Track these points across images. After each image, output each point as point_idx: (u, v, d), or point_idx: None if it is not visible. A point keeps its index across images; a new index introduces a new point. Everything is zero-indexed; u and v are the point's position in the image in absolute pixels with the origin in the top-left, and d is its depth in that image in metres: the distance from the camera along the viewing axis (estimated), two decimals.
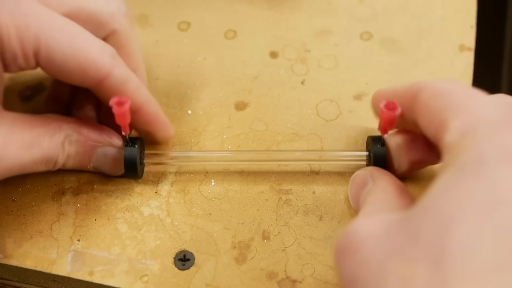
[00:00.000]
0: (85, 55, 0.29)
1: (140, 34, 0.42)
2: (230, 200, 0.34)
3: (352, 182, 0.32)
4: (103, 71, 0.29)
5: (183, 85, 0.39)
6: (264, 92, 0.39)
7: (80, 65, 0.29)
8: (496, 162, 0.22)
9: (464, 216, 0.21)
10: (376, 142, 0.33)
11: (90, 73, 0.29)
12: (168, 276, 0.31)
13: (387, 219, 0.24)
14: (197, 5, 0.43)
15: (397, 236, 0.23)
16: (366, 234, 0.24)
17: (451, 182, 0.23)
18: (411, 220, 0.23)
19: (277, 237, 0.33)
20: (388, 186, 0.29)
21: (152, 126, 0.34)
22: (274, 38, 0.41)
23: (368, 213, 0.27)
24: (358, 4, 0.43)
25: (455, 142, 0.24)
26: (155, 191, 0.34)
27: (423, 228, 0.22)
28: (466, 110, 0.25)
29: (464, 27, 0.41)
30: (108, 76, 0.30)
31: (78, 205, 0.34)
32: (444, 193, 0.22)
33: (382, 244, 0.23)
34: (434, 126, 0.26)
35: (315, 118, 0.37)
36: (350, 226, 0.25)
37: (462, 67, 0.39)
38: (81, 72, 0.29)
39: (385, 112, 0.30)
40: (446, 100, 0.26)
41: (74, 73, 0.29)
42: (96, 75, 0.29)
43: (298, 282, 0.31)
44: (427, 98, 0.27)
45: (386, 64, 0.40)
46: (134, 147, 0.33)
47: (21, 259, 0.32)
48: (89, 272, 0.31)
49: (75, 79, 0.30)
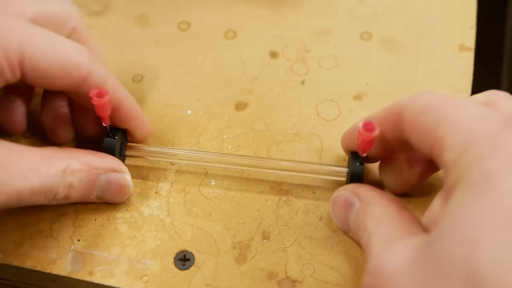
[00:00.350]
0: (66, 57, 0.29)
1: (140, 34, 0.42)
2: (230, 200, 0.34)
3: (334, 204, 0.31)
4: (84, 71, 0.30)
5: (183, 85, 0.39)
6: (264, 92, 0.39)
7: (64, 68, 0.29)
8: (505, 174, 0.22)
9: (488, 233, 0.21)
10: (356, 159, 0.32)
11: (73, 74, 0.30)
12: (168, 276, 0.31)
13: (409, 247, 0.24)
14: (197, 5, 0.43)
15: (425, 264, 0.23)
16: (393, 267, 0.24)
17: (466, 203, 0.22)
18: (434, 245, 0.23)
19: (277, 237, 0.33)
20: (384, 202, 0.29)
21: (132, 122, 0.34)
22: (274, 38, 0.41)
23: (384, 243, 0.26)
24: (358, 4, 0.43)
25: (456, 159, 0.24)
26: (155, 191, 0.34)
27: (449, 252, 0.22)
28: (460, 125, 0.25)
29: (464, 27, 0.41)
30: (89, 75, 0.30)
31: (78, 205, 0.34)
32: (462, 214, 0.22)
33: (412, 275, 0.23)
34: (428, 143, 0.26)
35: (315, 118, 0.37)
36: (373, 262, 0.25)
37: (462, 67, 0.39)
38: (65, 75, 0.30)
39: (363, 133, 0.29)
40: (435, 116, 0.26)
41: (58, 77, 0.30)
42: (79, 75, 0.30)
43: (298, 282, 0.31)
44: (414, 117, 0.27)
45: (386, 64, 0.40)
46: (114, 137, 0.33)
47: (21, 259, 0.32)
48: (89, 272, 0.31)
49: (58, 83, 0.30)
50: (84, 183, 0.31)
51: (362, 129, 0.29)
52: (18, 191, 0.27)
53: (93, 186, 0.31)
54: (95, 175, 0.31)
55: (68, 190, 0.30)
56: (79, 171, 0.30)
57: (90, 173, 0.31)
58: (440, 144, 0.25)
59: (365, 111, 0.37)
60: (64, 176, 0.29)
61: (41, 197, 0.28)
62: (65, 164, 0.29)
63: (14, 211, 0.33)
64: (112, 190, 0.32)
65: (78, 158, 0.30)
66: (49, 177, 0.28)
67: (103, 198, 0.32)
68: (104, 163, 0.32)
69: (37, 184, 0.28)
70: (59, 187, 0.29)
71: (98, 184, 0.31)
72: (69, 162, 0.30)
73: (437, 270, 0.22)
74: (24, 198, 0.28)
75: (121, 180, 0.32)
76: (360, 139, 0.30)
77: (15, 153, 0.28)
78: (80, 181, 0.30)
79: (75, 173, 0.30)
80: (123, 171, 0.32)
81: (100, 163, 0.31)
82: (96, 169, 0.31)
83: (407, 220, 0.27)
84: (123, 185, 0.32)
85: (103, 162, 0.31)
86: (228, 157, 0.34)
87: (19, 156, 0.28)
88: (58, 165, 0.29)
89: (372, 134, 0.29)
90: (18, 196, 0.27)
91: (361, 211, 0.29)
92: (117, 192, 0.32)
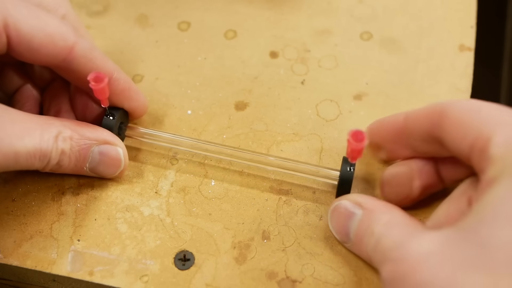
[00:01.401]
0: (50, 26, 0.30)
1: (140, 34, 0.42)
2: (230, 200, 0.34)
3: (334, 213, 0.31)
4: (70, 40, 0.31)
5: (183, 85, 0.39)
6: (264, 92, 0.39)
7: (48, 36, 0.30)
8: None
9: None
10: (346, 164, 0.32)
11: (58, 43, 0.30)
12: (168, 276, 0.31)
13: (440, 235, 0.24)
14: (197, 5, 0.43)
15: (464, 248, 0.23)
16: (425, 251, 0.24)
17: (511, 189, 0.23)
18: (475, 230, 0.23)
19: (277, 237, 0.33)
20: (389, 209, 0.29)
21: (126, 92, 0.34)
22: (274, 38, 0.41)
23: (403, 237, 0.26)
24: (358, 4, 0.43)
25: (502, 153, 0.25)
26: (155, 191, 0.34)
27: (496, 237, 0.22)
28: (508, 125, 0.26)
29: (464, 27, 0.41)
30: (75, 45, 0.31)
31: (78, 205, 0.34)
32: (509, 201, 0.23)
33: (448, 258, 0.23)
34: (470, 139, 0.27)
35: (315, 118, 0.37)
36: (398, 250, 0.25)
37: (462, 67, 0.39)
38: (50, 43, 0.30)
39: (352, 143, 0.29)
40: (481, 115, 0.27)
41: (43, 46, 0.30)
42: (65, 45, 0.30)
43: (298, 282, 0.31)
44: (460, 114, 0.28)
45: (386, 64, 0.40)
46: (113, 117, 0.33)
47: (21, 259, 0.32)
48: (89, 272, 0.31)
49: (45, 52, 0.30)
50: (75, 151, 0.31)
51: (351, 138, 0.29)
52: (15, 151, 0.28)
53: (85, 157, 0.32)
54: (87, 145, 0.32)
55: (60, 156, 0.30)
56: (70, 138, 0.31)
57: (82, 142, 0.31)
58: (485, 139, 0.26)
59: (365, 111, 0.37)
60: (56, 142, 0.30)
61: (36, 160, 0.29)
62: (57, 130, 0.30)
63: (14, 211, 0.33)
64: (104, 162, 0.33)
65: (70, 127, 0.31)
66: (43, 142, 0.29)
67: (96, 170, 0.33)
68: (97, 134, 0.32)
69: (32, 147, 0.29)
70: (52, 153, 0.30)
71: (90, 155, 0.32)
72: (60, 129, 0.30)
73: (480, 253, 0.22)
74: (20, 160, 0.28)
75: (113, 152, 0.33)
76: (350, 148, 0.30)
77: (11, 116, 0.29)
78: (72, 149, 0.31)
79: (66, 140, 0.31)
80: (116, 144, 0.33)
81: (93, 134, 0.32)
82: (88, 139, 0.32)
83: (415, 223, 0.28)
84: (115, 158, 0.33)
85: (95, 134, 0.32)
86: (228, 148, 0.34)
87: (15, 120, 0.29)
88: (50, 131, 0.30)
89: (362, 144, 0.29)
90: (15, 156, 0.28)
91: (365, 218, 0.29)
92: (110, 164, 0.33)
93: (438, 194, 0.32)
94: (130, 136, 0.35)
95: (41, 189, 0.34)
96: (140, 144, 0.36)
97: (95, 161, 0.32)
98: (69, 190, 0.34)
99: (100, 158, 0.32)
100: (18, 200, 0.34)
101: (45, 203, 0.34)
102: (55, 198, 0.34)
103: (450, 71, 0.39)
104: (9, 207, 0.34)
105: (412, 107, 0.37)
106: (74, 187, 0.34)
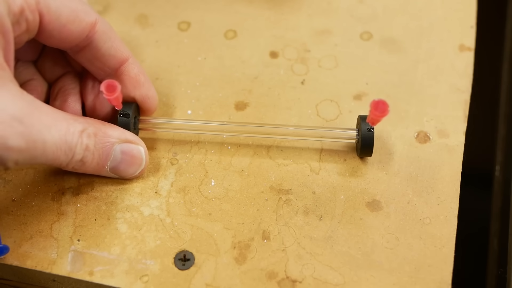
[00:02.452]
0: (74, 2, 0.31)
1: (140, 34, 0.42)
2: (230, 200, 0.34)
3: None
4: (92, 16, 0.32)
5: (183, 85, 0.39)
6: (264, 92, 0.39)
7: (73, 11, 0.31)
8: None
9: None
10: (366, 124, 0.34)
11: (83, 18, 0.31)
12: (168, 276, 0.31)
13: None
14: (197, 5, 0.43)
15: None
16: None
17: None
18: None
19: (277, 237, 0.33)
20: None
21: (140, 79, 0.34)
22: (274, 38, 0.41)
23: None
24: (358, 4, 0.43)
25: None
26: (155, 191, 0.34)
27: None
28: None
29: (464, 27, 0.41)
30: (97, 21, 0.32)
31: (78, 205, 0.34)
32: None
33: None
34: None
35: (315, 118, 0.37)
36: None
37: (462, 67, 0.39)
38: (76, 18, 0.31)
39: (374, 113, 0.31)
40: None
41: (70, 22, 0.31)
42: (89, 20, 0.31)
43: (298, 282, 0.31)
44: None
45: (386, 64, 0.40)
46: (127, 115, 0.34)
47: (21, 259, 0.32)
48: (89, 272, 0.31)
49: (71, 29, 0.31)
50: (99, 148, 0.32)
51: (373, 108, 0.31)
52: (43, 140, 0.28)
53: (108, 155, 0.32)
54: (110, 143, 0.32)
55: (85, 152, 0.31)
56: (94, 135, 0.31)
57: (105, 140, 0.32)
58: None
59: (365, 111, 0.37)
60: (81, 137, 0.30)
61: (62, 153, 0.29)
62: (82, 126, 0.30)
63: (14, 211, 0.33)
64: (125, 160, 0.33)
65: (94, 125, 0.31)
66: (69, 134, 0.30)
67: (117, 170, 0.33)
68: (119, 133, 0.33)
69: (58, 138, 0.29)
70: (77, 147, 0.30)
71: (112, 153, 0.32)
72: (85, 126, 0.31)
73: None
74: (47, 150, 0.28)
75: (135, 151, 0.33)
76: (371, 116, 0.32)
77: (40, 107, 0.29)
78: (96, 145, 0.31)
79: (91, 136, 0.31)
80: (138, 143, 0.33)
81: (115, 132, 0.32)
82: (110, 137, 0.32)
83: None
84: (137, 157, 0.33)
85: (117, 132, 0.33)
86: (241, 125, 0.35)
87: (43, 110, 0.29)
88: (76, 126, 0.30)
89: (383, 114, 0.31)
90: (43, 146, 0.28)
91: None
92: (131, 163, 0.33)
93: None
94: (143, 129, 0.36)
95: (41, 189, 0.34)
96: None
97: (117, 160, 0.33)
98: (69, 190, 0.34)
99: (122, 157, 0.33)
100: (18, 200, 0.34)
101: (45, 203, 0.34)
102: (55, 198, 0.34)
103: (450, 71, 0.39)
104: (9, 207, 0.34)
105: (412, 107, 0.37)
106: (74, 187, 0.34)
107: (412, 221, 0.33)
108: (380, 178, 0.35)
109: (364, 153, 0.34)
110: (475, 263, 0.47)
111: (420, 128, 0.37)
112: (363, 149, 0.34)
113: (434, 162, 0.35)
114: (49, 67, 0.35)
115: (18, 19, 0.29)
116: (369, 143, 0.34)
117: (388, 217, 0.33)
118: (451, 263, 0.32)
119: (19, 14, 0.28)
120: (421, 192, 0.34)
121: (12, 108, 0.27)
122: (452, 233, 0.33)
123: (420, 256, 0.32)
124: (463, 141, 0.36)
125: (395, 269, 0.32)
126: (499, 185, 0.45)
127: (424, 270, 0.31)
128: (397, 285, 0.31)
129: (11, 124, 0.27)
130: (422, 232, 0.33)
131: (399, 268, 0.32)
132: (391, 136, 0.36)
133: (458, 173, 0.35)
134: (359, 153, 0.35)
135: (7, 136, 0.26)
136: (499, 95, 0.50)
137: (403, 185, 0.34)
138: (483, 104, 0.45)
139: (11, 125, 0.27)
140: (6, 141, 0.26)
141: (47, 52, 0.35)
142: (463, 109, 0.37)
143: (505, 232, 0.41)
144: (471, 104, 0.38)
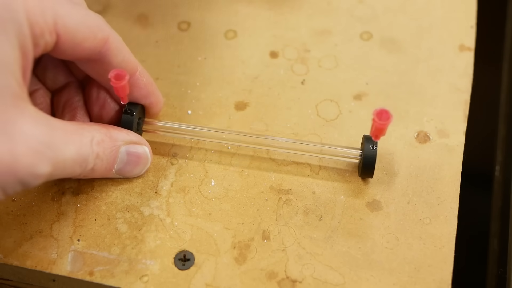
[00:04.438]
0: (90, 19, 0.31)
1: (140, 34, 0.42)
2: (230, 200, 0.34)
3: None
4: (106, 31, 0.32)
5: (183, 85, 0.39)
6: (264, 92, 0.39)
7: (89, 28, 0.31)
8: None
9: None
10: (369, 142, 0.33)
11: (97, 34, 0.31)
12: (168, 276, 0.31)
13: None
14: (197, 5, 0.43)
15: None
16: None
17: None
18: None
19: (277, 237, 0.33)
20: None
21: (149, 88, 0.35)
22: (274, 38, 0.41)
23: None
24: (358, 4, 0.43)
25: None
26: (155, 191, 0.34)
27: None
28: None
29: (464, 27, 0.41)
30: (110, 36, 0.32)
31: (78, 205, 0.34)
32: None
33: None
34: None
35: (315, 118, 0.37)
36: None
37: (462, 67, 0.39)
38: (91, 35, 0.31)
39: (377, 122, 0.30)
40: None
41: (85, 39, 0.31)
42: (102, 35, 0.31)
43: (298, 282, 0.31)
44: None
45: (386, 64, 0.40)
46: (132, 113, 0.34)
47: (21, 259, 0.32)
48: (89, 272, 0.31)
49: (86, 46, 0.31)
50: (107, 153, 0.32)
51: (376, 117, 0.30)
52: (64, 159, 0.28)
53: (115, 158, 0.32)
54: (116, 146, 0.32)
55: (96, 160, 0.31)
56: (102, 141, 0.31)
57: (112, 144, 0.32)
58: None
59: (365, 111, 0.37)
60: (91, 146, 0.30)
61: (77, 166, 0.29)
62: (90, 135, 0.30)
63: (14, 211, 0.33)
64: (131, 161, 0.33)
65: (100, 130, 0.31)
66: (82, 147, 0.30)
67: (123, 171, 0.33)
68: (123, 135, 0.33)
69: (75, 153, 0.29)
70: (89, 157, 0.30)
71: (118, 155, 0.32)
72: (93, 134, 0.31)
73: None
74: (67, 166, 0.29)
75: (140, 151, 0.33)
76: (374, 127, 0.31)
77: (54, 124, 0.29)
78: (104, 151, 0.31)
79: (100, 143, 0.31)
80: (142, 143, 0.34)
81: (119, 135, 0.32)
82: (116, 141, 0.32)
83: None
84: (142, 157, 0.34)
85: (121, 134, 0.33)
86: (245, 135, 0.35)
87: (57, 127, 0.29)
88: (86, 136, 0.30)
89: (387, 122, 0.30)
90: (63, 163, 0.28)
91: None
92: (137, 163, 0.34)
93: None
94: (146, 131, 0.36)
95: (41, 189, 0.34)
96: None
97: (123, 162, 0.33)
98: (69, 190, 0.34)
99: (128, 158, 0.33)
100: (18, 200, 0.34)
101: (45, 203, 0.34)
102: (55, 198, 0.34)
103: (450, 71, 0.39)
104: (9, 207, 0.34)
105: (412, 107, 0.37)
106: (74, 187, 0.34)
107: (412, 221, 0.33)
108: (380, 178, 0.35)
109: (365, 174, 0.34)
110: (475, 263, 0.47)
111: (420, 128, 0.37)
112: (364, 171, 0.33)
113: (434, 162, 0.35)
114: (51, 76, 0.35)
115: (37, 41, 0.29)
116: (371, 163, 0.33)
117: (388, 217, 0.33)
118: (451, 263, 0.32)
119: (40, 36, 0.28)
120: (421, 192, 0.34)
121: (37, 133, 0.27)
122: (452, 233, 0.33)
123: (420, 256, 0.32)
124: (463, 141, 0.36)
125: (395, 269, 0.32)
126: (499, 185, 0.45)
127: (424, 270, 0.31)
128: (397, 285, 0.31)
129: (40, 151, 0.26)
130: (422, 232, 0.33)
131: (399, 268, 0.32)
132: (391, 136, 0.36)
133: (458, 173, 0.35)
134: (360, 173, 0.34)
135: (37, 164, 0.26)
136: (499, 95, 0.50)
137: (403, 185, 0.34)
138: (483, 104, 0.45)
139: (41, 151, 0.26)
140: (36, 169, 0.26)
141: (48, 60, 0.35)
142: (463, 109, 0.37)
143: (505, 232, 0.41)
144: (471, 104, 0.38)
